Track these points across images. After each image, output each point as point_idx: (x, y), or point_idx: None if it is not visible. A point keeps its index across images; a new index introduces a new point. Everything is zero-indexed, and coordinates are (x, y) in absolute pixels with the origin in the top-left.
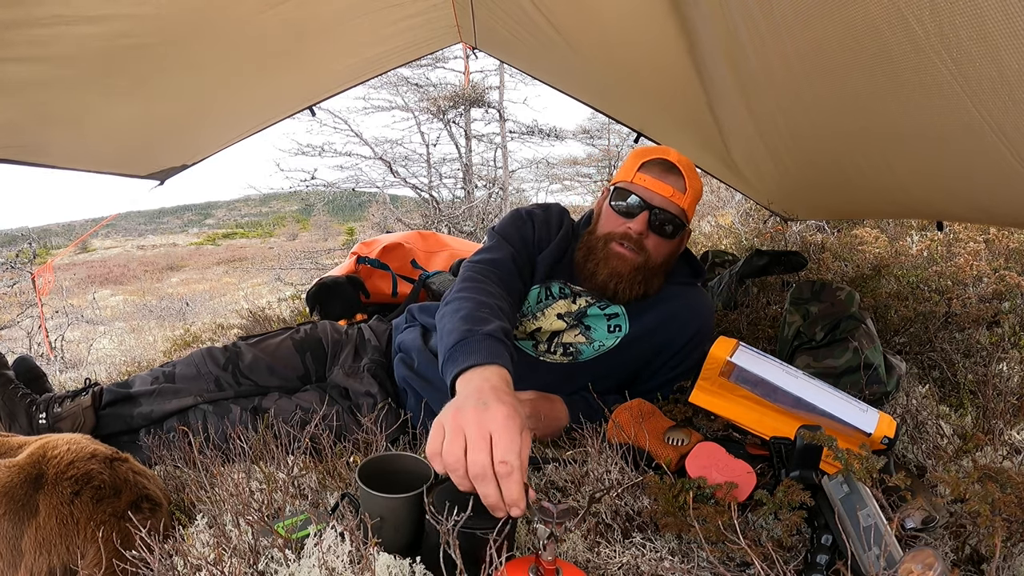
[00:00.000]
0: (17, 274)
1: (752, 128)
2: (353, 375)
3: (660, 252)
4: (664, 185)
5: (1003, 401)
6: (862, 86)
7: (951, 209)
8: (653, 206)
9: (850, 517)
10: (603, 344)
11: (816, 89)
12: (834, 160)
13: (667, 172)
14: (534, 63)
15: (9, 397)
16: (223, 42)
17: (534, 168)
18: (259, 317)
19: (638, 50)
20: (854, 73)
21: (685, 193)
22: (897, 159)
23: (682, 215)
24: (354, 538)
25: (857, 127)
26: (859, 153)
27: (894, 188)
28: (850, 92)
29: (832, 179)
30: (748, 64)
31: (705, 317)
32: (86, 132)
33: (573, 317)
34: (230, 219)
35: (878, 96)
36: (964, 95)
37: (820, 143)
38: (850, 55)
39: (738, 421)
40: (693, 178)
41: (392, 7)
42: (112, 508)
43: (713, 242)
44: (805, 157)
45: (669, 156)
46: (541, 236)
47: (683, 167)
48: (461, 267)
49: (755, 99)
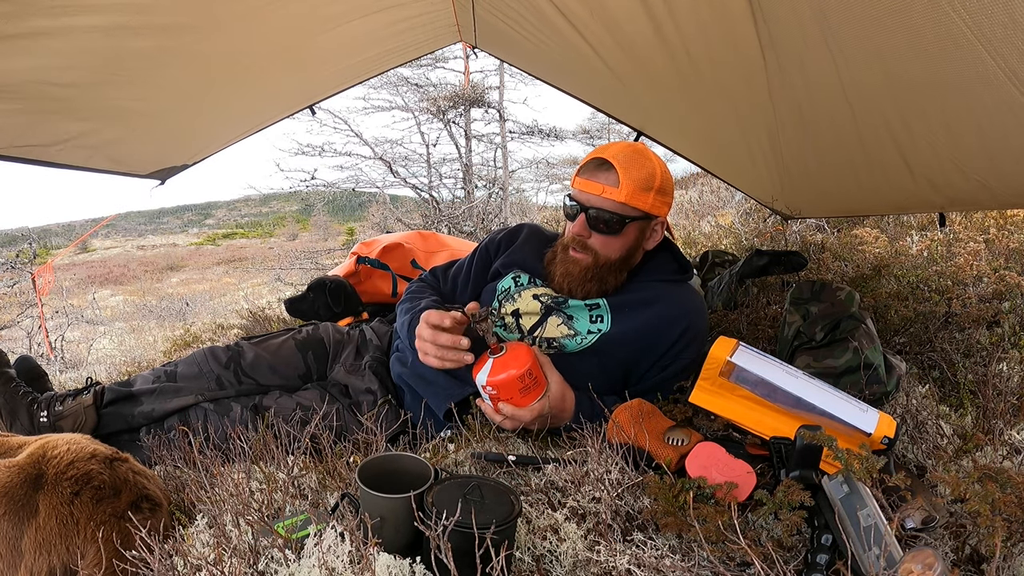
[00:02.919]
0: (17, 274)
1: (771, 112)
2: (354, 372)
3: (610, 248)
4: (594, 184)
5: (1003, 401)
6: (883, 41)
7: (958, 189)
8: (587, 207)
9: (850, 517)
10: (585, 338)
11: (839, 47)
12: (854, 129)
13: (597, 170)
14: (534, 62)
15: (10, 395)
16: (225, 38)
17: (534, 168)
18: (259, 317)
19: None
20: (874, 28)
21: (619, 186)
22: (915, 119)
23: (621, 208)
24: (354, 538)
25: (877, 84)
26: (878, 116)
27: (911, 155)
28: (872, 49)
29: (849, 159)
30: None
31: (693, 316)
32: (87, 129)
33: (551, 299)
34: (230, 219)
35: (897, 52)
36: (979, 44)
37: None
38: (871, 9)
39: (738, 421)
40: (632, 167)
41: (393, 7)
42: (112, 508)
43: (713, 242)
44: (822, 131)
45: (605, 153)
46: (501, 245)
47: (618, 160)
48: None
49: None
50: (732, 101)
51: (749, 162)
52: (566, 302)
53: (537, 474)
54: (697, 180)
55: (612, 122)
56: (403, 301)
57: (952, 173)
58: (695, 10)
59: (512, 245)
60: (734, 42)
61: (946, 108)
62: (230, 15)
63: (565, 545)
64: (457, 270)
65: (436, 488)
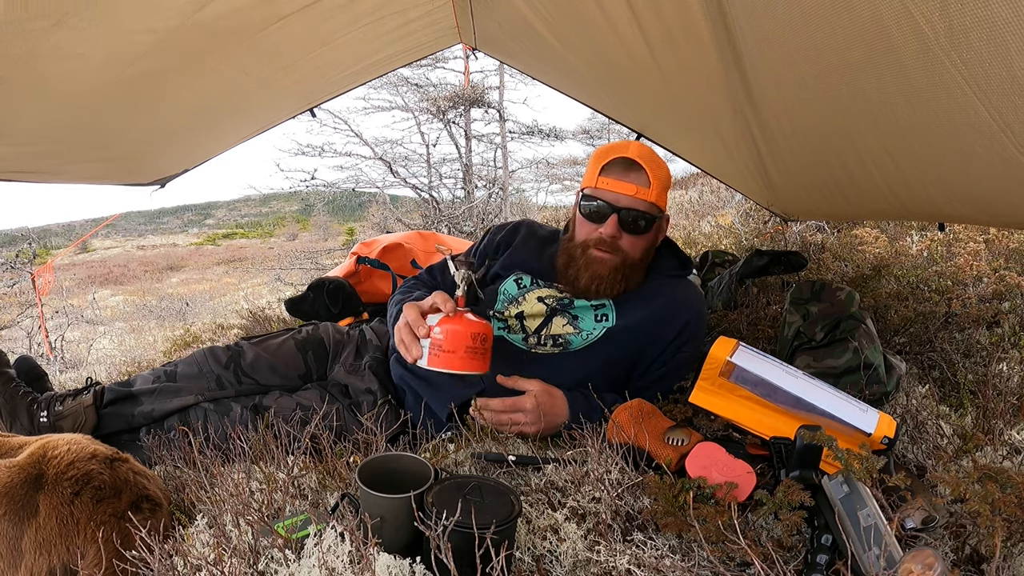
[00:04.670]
0: (17, 274)
1: (756, 129)
2: (354, 372)
3: (636, 248)
4: (628, 184)
5: (1003, 401)
6: (870, 85)
7: (953, 209)
8: (620, 208)
9: (850, 517)
10: (591, 333)
11: (822, 89)
12: (838, 158)
13: (628, 170)
14: (533, 63)
15: (10, 395)
16: (230, 56)
17: (534, 168)
18: (259, 317)
19: (638, 52)
20: (861, 73)
21: (650, 187)
22: (902, 156)
23: (652, 208)
24: (354, 538)
25: (863, 124)
26: (864, 150)
27: (898, 185)
28: (858, 91)
29: (835, 179)
30: (752, 63)
31: (693, 310)
32: (89, 148)
33: (556, 301)
34: (230, 219)
35: (886, 95)
36: (973, 95)
37: (824, 141)
38: (859, 55)
39: (738, 421)
40: (656, 167)
41: (394, 14)
42: (112, 508)
43: (713, 242)
44: (808, 157)
45: (628, 152)
46: (500, 247)
47: (644, 160)
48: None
49: (760, 99)
50: (715, 126)
51: (740, 174)
52: (571, 303)
53: (537, 474)
54: (697, 180)
55: (611, 122)
56: (392, 299)
57: (943, 205)
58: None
59: (511, 246)
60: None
61: (934, 148)
62: (230, 35)
63: (565, 545)
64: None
65: (436, 488)
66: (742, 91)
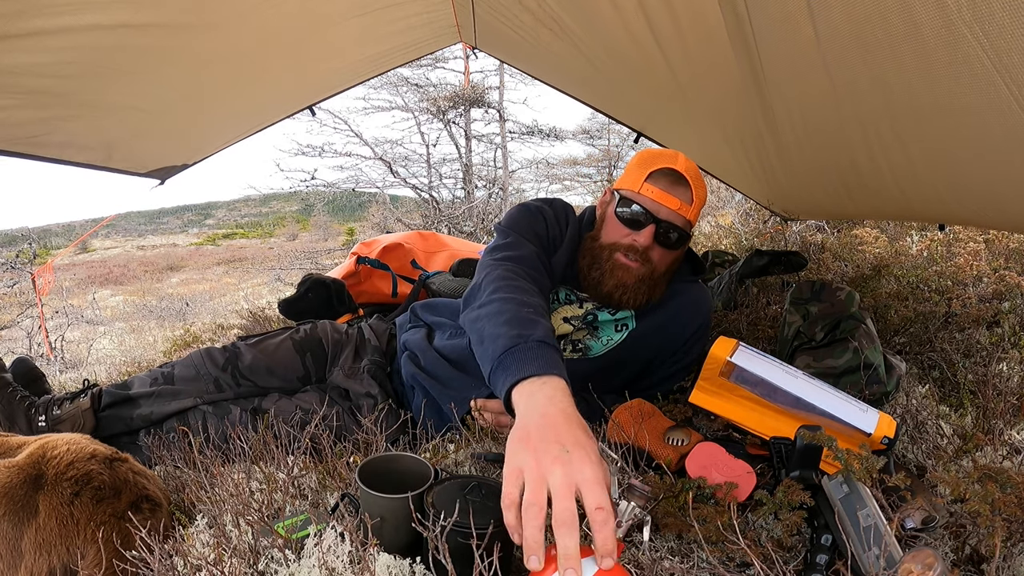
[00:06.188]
0: (17, 274)
1: (762, 120)
2: (353, 376)
3: (664, 261)
4: (672, 198)
5: (1003, 401)
6: (888, 65)
7: (960, 205)
8: (660, 219)
9: (850, 517)
10: (611, 339)
11: (837, 71)
12: (847, 151)
13: (675, 184)
14: (534, 62)
15: (7, 400)
16: (225, 37)
17: (534, 168)
18: (259, 317)
19: (643, 39)
20: (880, 54)
21: (692, 204)
22: (914, 144)
23: (687, 226)
24: (354, 538)
25: (878, 109)
26: (875, 140)
27: (906, 180)
28: (877, 74)
29: (840, 174)
30: (765, 50)
31: (706, 312)
32: (85, 125)
33: (580, 320)
34: (230, 219)
35: (903, 73)
36: (994, 70)
37: (835, 132)
38: (879, 34)
39: (738, 421)
40: (699, 186)
41: (392, 6)
42: (112, 508)
43: (713, 242)
44: (815, 151)
45: (677, 165)
46: (553, 235)
47: (690, 176)
48: (481, 265)
49: (772, 88)
50: (720, 120)
51: (741, 171)
52: (596, 319)
53: None
54: None
55: (612, 122)
56: (494, 301)
57: (950, 203)
58: (680, 35)
59: (561, 239)
60: (719, 65)
61: (948, 134)
62: (226, 14)
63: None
64: (528, 261)
65: (436, 488)
66: (751, 80)
